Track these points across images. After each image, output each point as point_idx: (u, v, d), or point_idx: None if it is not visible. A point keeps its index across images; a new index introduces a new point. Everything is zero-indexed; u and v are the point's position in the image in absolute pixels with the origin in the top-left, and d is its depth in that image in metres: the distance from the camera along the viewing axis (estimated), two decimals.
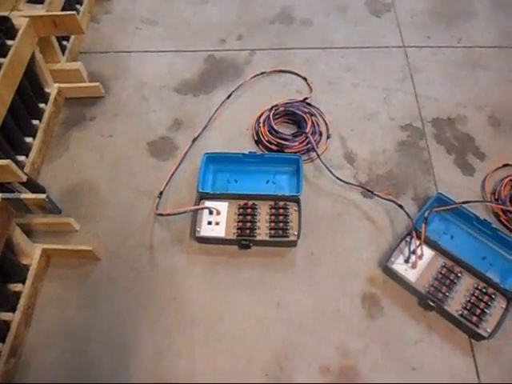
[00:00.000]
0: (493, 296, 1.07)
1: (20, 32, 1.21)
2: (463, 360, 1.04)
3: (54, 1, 1.40)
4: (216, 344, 1.07)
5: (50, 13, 1.32)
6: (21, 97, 1.26)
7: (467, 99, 1.50)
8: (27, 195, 0.98)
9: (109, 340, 1.08)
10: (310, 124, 1.39)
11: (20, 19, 1.23)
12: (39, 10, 1.33)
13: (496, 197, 1.26)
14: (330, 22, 1.76)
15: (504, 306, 1.06)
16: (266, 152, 1.37)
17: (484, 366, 1.03)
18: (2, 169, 0.95)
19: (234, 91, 1.53)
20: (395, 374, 1.03)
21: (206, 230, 1.20)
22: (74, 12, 1.30)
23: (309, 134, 1.35)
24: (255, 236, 1.18)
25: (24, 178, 0.99)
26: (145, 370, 1.04)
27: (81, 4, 1.71)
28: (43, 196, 0.97)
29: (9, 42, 1.18)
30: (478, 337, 1.04)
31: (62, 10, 1.47)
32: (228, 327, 1.09)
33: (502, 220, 1.22)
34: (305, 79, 1.57)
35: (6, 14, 1.23)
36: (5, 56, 1.15)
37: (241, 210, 1.22)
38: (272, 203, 1.23)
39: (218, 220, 1.21)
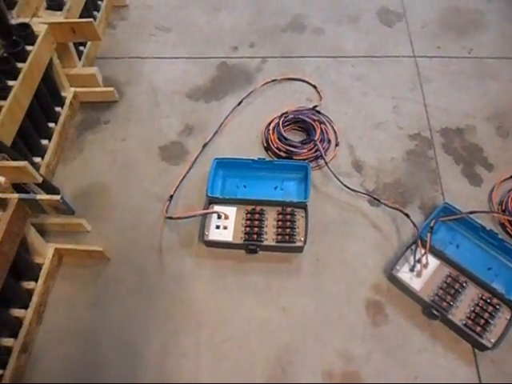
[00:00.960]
0: (497, 307, 1.07)
1: (39, 38, 1.25)
2: (466, 370, 1.04)
3: (73, 8, 1.44)
4: (221, 346, 1.09)
5: (69, 20, 1.37)
6: (38, 100, 1.30)
7: (476, 110, 1.51)
8: (42, 196, 1.01)
9: (117, 339, 1.11)
10: (318, 132, 1.41)
11: (39, 26, 1.28)
12: (58, 17, 1.37)
13: (503, 208, 1.26)
14: (341, 31, 1.78)
15: (508, 317, 1.06)
16: (275, 158, 1.39)
17: (487, 377, 1.03)
18: (19, 170, 0.99)
19: (244, 98, 1.56)
20: (398, 381, 1.03)
21: (214, 234, 1.22)
22: (92, 19, 1.34)
23: (317, 142, 1.37)
24: (262, 241, 1.20)
25: (40, 180, 1.03)
26: (151, 370, 1.06)
27: (98, 10, 1.76)
28: (58, 197, 1.00)
29: (28, 48, 1.23)
30: (482, 347, 1.04)
31: (80, 16, 1.52)
32: (233, 330, 1.11)
33: (509, 231, 1.22)
34: (315, 87, 1.59)
35: (26, 20, 1.27)
36: (24, 61, 1.19)
37: (249, 215, 1.24)
38: (280, 209, 1.25)
39: (226, 224, 1.23)
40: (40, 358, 1.08)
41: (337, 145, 1.43)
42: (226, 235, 1.22)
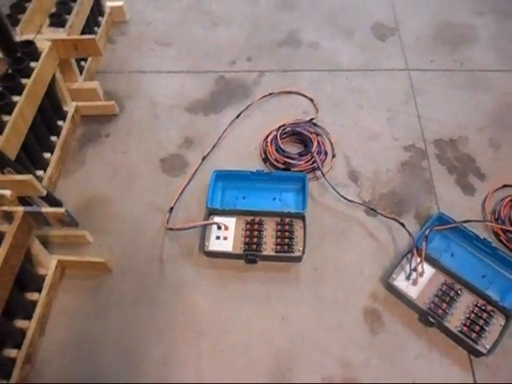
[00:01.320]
0: (492, 313, 1.10)
1: (43, 55, 1.28)
2: (462, 375, 1.06)
3: (75, 24, 1.48)
4: (221, 355, 1.10)
5: (71, 37, 1.40)
6: (41, 115, 1.33)
7: (469, 121, 1.55)
8: (47, 209, 1.04)
9: (118, 350, 1.12)
10: (315, 144, 1.44)
11: (43, 42, 1.31)
12: (61, 34, 1.40)
13: (496, 216, 1.30)
14: (336, 46, 1.83)
15: (502, 324, 1.09)
16: (273, 170, 1.42)
17: (483, 382, 1.05)
18: (24, 183, 1.02)
19: (242, 111, 1.59)
20: None
21: (214, 245, 1.24)
22: (94, 36, 1.38)
23: (314, 154, 1.41)
24: (261, 251, 1.22)
25: (44, 193, 1.05)
26: (153, 380, 1.08)
27: (98, 26, 1.80)
28: (62, 210, 1.02)
29: (32, 64, 1.26)
30: (477, 353, 1.06)
31: (82, 32, 1.55)
32: (233, 339, 1.13)
33: (502, 239, 1.25)
34: (311, 100, 1.63)
35: (30, 37, 1.31)
36: (28, 77, 1.23)
37: (248, 226, 1.27)
38: (278, 219, 1.28)
39: (226, 235, 1.26)
40: (43, 368, 1.10)
41: (333, 156, 1.46)
42: (226, 246, 1.24)
